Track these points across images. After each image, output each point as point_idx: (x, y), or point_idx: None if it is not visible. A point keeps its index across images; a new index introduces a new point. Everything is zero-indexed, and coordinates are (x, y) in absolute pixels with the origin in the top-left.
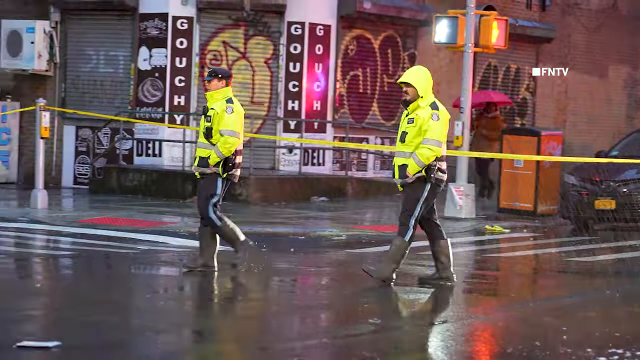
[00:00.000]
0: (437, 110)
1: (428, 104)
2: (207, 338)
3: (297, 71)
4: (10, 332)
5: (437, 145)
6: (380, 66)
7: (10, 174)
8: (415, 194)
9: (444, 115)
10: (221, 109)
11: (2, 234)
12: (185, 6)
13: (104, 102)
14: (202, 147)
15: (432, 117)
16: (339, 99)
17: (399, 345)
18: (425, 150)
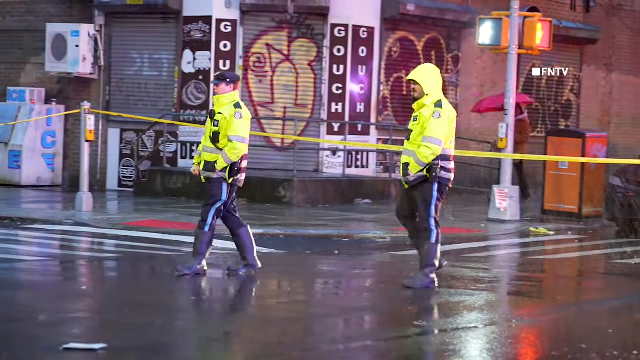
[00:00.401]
0: (440, 108)
1: (433, 102)
2: (250, 340)
3: (341, 73)
4: (56, 334)
5: (435, 144)
6: None
7: (56, 177)
8: (426, 196)
9: (448, 113)
10: (230, 114)
11: (48, 236)
12: (229, 9)
13: (148, 105)
14: (208, 151)
15: (433, 114)
16: (383, 101)
17: (444, 348)
18: (424, 148)
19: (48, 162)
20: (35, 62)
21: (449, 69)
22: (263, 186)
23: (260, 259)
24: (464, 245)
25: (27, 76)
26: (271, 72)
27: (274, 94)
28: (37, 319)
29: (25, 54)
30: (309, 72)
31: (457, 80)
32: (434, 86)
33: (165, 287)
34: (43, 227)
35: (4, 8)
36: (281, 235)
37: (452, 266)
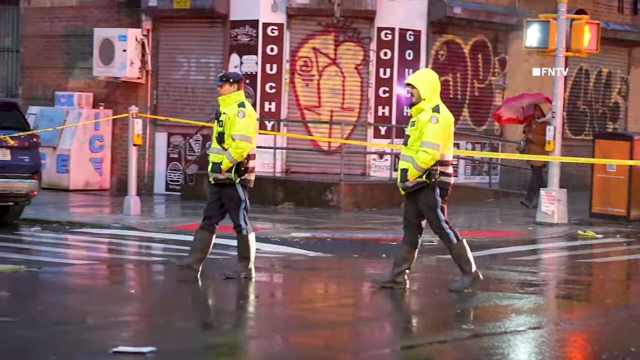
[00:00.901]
0: (438, 113)
1: (431, 107)
2: (298, 344)
3: (387, 77)
4: (105, 337)
5: (433, 148)
6: (470, 71)
7: (103, 181)
8: (430, 201)
9: (445, 119)
10: (233, 113)
11: (96, 240)
12: (275, 13)
13: (195, 108)
14: (215, 152)
15: (431, 119)
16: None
17: (493, 351)
18: (422, 153)
19: (96, 166)
20: (83, 67)
21: (496, 71)
22: (310, 190)
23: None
24: (512, 249)
25: (75, 81)
26: (318, 76)
27: (320, 98)
28: (86, 323)
29: (73, 58)
30: (355, 75)
31: (504, 84)
32: (432, 91)
33: (213, 290)
34: (91, 230)
35: (52, 13)
36: (328, 239)
37: (500, 269)
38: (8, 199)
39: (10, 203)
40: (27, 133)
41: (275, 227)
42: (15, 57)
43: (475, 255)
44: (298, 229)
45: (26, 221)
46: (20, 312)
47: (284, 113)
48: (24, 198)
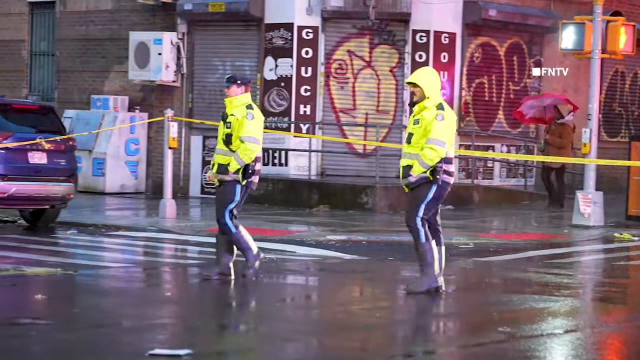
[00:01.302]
0: (442, 110)
1: (434, 105)
2: (334, 346)
3: None
4: (142, 340)
5: (440, 145)
6: (505, 73)
7: (139, 184)
8: (419, 195)
9: (450, 116)
10: (241, 115)
11: (131, 243)
12: (310, 16)
13: None
14: (221, 154)
15: (436, 117)
16: (465, 107)
17: (529, 354)
18: (428, 150)
19: (131, 169)
20: (119, 70)
21: (531, 73)
22: (345, 192)
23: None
24: (548, 251)
25: (110, 84)
26: (353, 79)
27: (355, 101)
28: (122, 325)
29: (108, 62)
30: (390, 78)
31: (540, 86)
32: (434, 89)
33: (248, 292)
34: (127, 233)
35: (87, 17)
36: (364, 242)
37: (536, 272)
38: (44, 202)
39: (46, 206)
40: (63, 136)
41: (310, 230)
42: (51, 60)
43: (512, 258)
44: (333, 232)
45: (62, 224)
46: (57, 314)
47: (319, 116)
48: (60, 201)
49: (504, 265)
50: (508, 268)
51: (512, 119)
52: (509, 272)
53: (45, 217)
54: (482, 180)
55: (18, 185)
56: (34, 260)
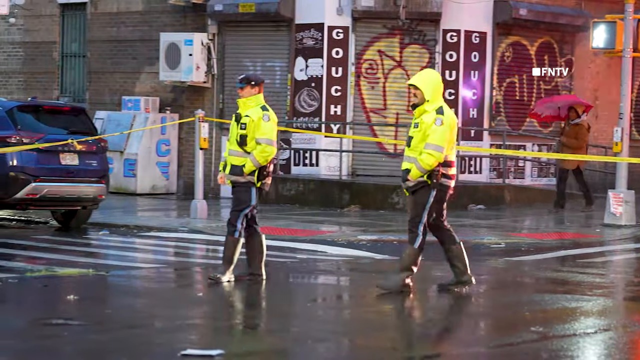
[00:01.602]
0: (442, 115)
1: (434, 109)
2: (365, 346)
3: (453, 79)
4: (174, 340)
5: (437, 151)
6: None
7: (170, 185)
8: (421, 201)
9: (449, 120)
10: (257, 117)
11: (163, 244)
12: (340, 16)
13: None
14: (234, 155)
15: (435, 121)
16: (496, 106)
17: (562, 354)
18: (426, 155)
19: (163, 170)
20: (150, 72)
21: (562, 73)
22: (376, 192)
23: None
24: (580, 251)
25: (141, 85)
26: (383, 79)
27: (386, 100)
28: (154, 326)
29: (139, 63)
30: None
31: (571, 85)
32: (435, 92)
33: (279, 293)
34: (158, 234)
35: (118, 18)
36: (395, 242)
37: (569, 271)
38: (76, 203)
39: (78, 207)
40: (95, 137)
41: (341, 230)
42: (82, 62)
43: (543, 258)
44: (364, 232)
45: (94, 225)
46: (89, 315)
47: (350, 116)
48: (92, 202)
49: (535, 265)
50: (540, 268)
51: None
52: (541, 271)
53: (77, 218)
54: (514, 179)
55: (50, 187)
56: (66, 261)
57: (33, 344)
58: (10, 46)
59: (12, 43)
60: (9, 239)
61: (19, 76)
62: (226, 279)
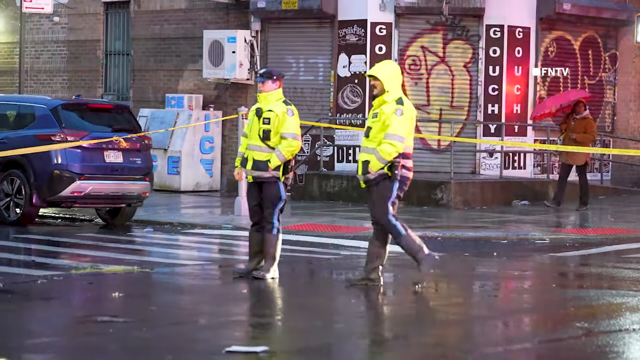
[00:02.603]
0: (402, 105)
1: (394, 99)
2: (410, 343)
3: (497, 74)
4: (219, 337)
5: (398, 141)
6: (580, 67)
7: (214, 182)
8: (384, 193)
9: (409, 111)
10: (282, 112)
11: (207, 241)
12: (383, 12)
13: (304, 109)
14: (256, 150)
15: (395, 111)
16: (539, 101)
17: (607, 349)
18: (387, 145)
19: (206, 167)
20: (193, 69)
21: (607, 67)
22: (419, 188)
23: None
24: (625, 246)
25: (184, 83)
26: (426, 75)
27: (429, 96)
28: (198, 322)
29: (182, 61)
30: (464, 73)
31: (615, 80)
32: (395, 83)
33: (323, 290)
34: (202, 231)
35: (161, 16)
36: (439, 238)
37: (613, 267)
38: (121, 200)
39: (122, 205)
40: (139, 135)
41: None
42: (126, 60)
43: (588, 253)
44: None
45: (138, 222)
46: (134, 312)
47: None
48: (136, 200)
49: (580, 261)
50: (584, 263)
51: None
52: (585, 267)
53: (122, 215)
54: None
55: (94, 184)
56: (111, 259)
57: (79, 341)
58: (55, 45)
59: (56, 42)
60: (55, 236)
61: (63, 74)
62: (270, 276)
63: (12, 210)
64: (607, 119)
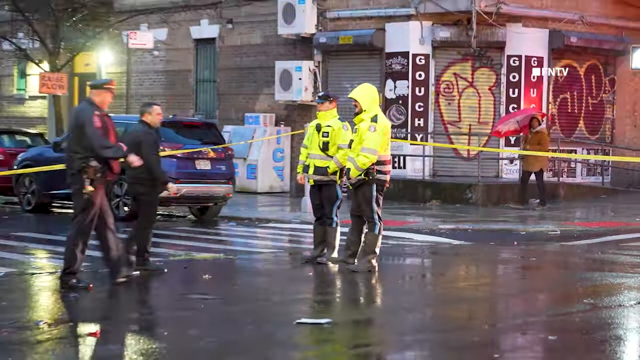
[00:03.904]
0: (375, 122)
1: (370, 117)
2: (445, 316)
3: (516, 96)
4: (290, 311)
5: (371, 153)
6: (585, 89)
7: (284, 185)
8: (367, 195)
9: (382, 127)
10: (338, 127)
11: (279, 233)
12: (422, 45)
13: None
14: (317, 158)
15: (369, 128)
16: (551, 117)
17: (610, 321)
18: (362, 157)
19: (278, 173)
20: (267, 93)
21: (606, 89)
22: (453, 190)
23: (452, 249)
24: (623, 236)
25: (260, 104)
26: (458, 96)
27: (460, 114)
28: (272, 299)
29: (258, 86)
30: (489, 95)
31: (614, 99)
32: (371, 103)
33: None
34: (275, 225)
35: (241, 50)
36: (469, 230)
37: (613, 253)
38: (209, 200)
39: (210, 204)
40: (223, 146)
41: (425, 221)
42: (212, 86)
43: (592, 242)
44: (444, 222)
45: (223, 218)
46: (221, 291)
47: (431, 127)
48: (222, 200)
49: (586, 248)
50: (589, 250)
51: (591, 127)
52: (591, 253)
53: (210, 212)
54: (567, 178)
55: (188, 187)
56: (202, 248)
57: (176, 314)
58: (155, 74)
59: (156, 72)
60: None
61: (161, 98)
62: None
63: (121, 208)
64: (607, 131)
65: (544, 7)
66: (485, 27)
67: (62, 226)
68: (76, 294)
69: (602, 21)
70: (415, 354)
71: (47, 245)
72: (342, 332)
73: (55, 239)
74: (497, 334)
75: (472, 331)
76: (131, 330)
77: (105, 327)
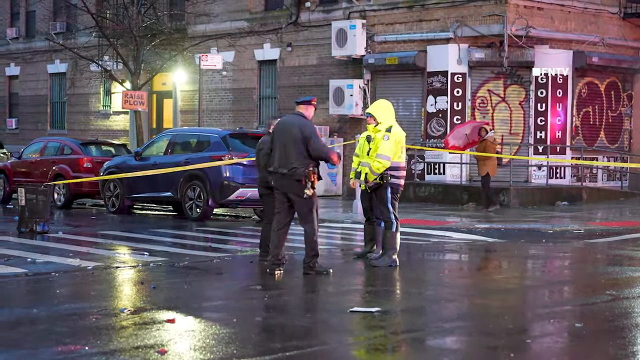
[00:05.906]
0: (389, 132)
1: (385, 128)
2: (481, 304)
3: (543, 110)
4: (344, 301)
5: (385, 160)
6: (605, 104)
7: (337, 189)
8: (383, 199)
9: (395, 136)
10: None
11: (333, 231)
12: (460, 65)
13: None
14: (367, 166)
15: (383, 137)
16: (575, 129)
17: (630, 310)
18: (376, 163)
19: (332, 178)
20: (322, 108)
21: (625, 104)
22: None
23: (486, 246)
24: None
25: (316, 118)
26: (492, 110)
27: (494, 126)
28: (328, 290)
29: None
30: (519, 109)
31: (631, 113)
32: (386, 116)
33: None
34: (329, 224)
35: (299, 70)
36: (502, 229)
37: (632, 250)
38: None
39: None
40: None
41: (462, 221)
42: (273, 102)
43: (613, 240)
44: (479, 222)
45: None
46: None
47: None
48: None
49: (607, 245)
50: (610, 247)
51: (610, 137)
52: (612, 250)
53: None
54: (589, 182)
55: (252, 191)
56: None
57: (242, 303)
58: (223, 92)
59: (224, 89)
60: (224, 229)
61: (229, 113)
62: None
63: (194, 210)
64: (625, 141)
65: (568, 30)
66: (515, 49)
67: (142, 225)
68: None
69: (621, 43)
70: (456, 339)
71: (129, 243)
72: (391, 320)
73: (136, 237)
74: (529, 322)
75: (506, 319)
76: (203, 317)
77: (180, 313)
